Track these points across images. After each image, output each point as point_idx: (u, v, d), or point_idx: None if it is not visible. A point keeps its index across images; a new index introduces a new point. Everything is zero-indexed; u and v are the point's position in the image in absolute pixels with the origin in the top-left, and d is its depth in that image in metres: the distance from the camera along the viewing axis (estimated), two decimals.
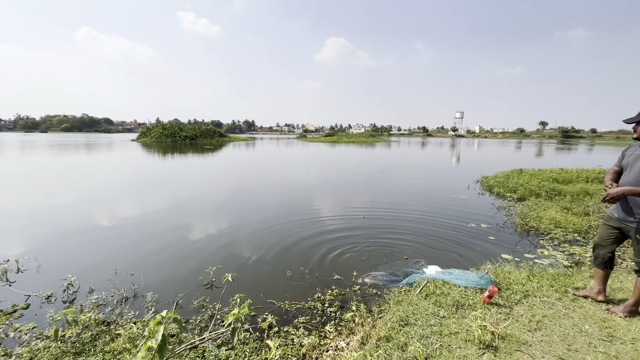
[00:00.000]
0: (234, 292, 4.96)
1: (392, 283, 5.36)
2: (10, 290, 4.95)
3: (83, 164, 23.30)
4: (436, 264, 6.06)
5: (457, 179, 17.78)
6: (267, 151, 41.21)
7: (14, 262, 5.86)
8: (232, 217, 9.38)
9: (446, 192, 13.54)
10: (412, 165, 24.89)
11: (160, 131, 67.53)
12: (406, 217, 9.48)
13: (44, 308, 4.54)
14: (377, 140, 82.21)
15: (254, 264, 6.13)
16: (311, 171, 20.28)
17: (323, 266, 6.03)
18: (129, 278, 5.41)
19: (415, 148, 53.16)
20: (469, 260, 6.31)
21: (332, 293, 4.98)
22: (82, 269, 5.82)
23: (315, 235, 7.71)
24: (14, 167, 20.91)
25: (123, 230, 8.01)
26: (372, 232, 8.07)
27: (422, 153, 40.94)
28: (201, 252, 6.66)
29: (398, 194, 12.89)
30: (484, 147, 61.68)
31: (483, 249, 6.95)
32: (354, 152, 41.03)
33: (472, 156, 36.70)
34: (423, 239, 7.61)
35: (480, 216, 9.60)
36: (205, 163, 25.78)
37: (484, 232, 8.08)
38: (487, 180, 15.29)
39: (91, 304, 4.56)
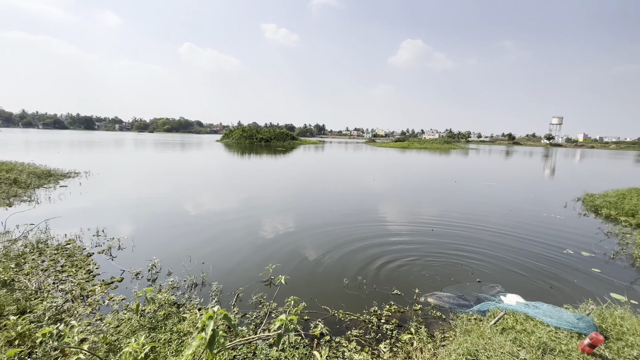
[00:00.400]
0: (291, 292, 5.02)
1: (460, 307, 4.75)
2: (111, 264, 5.87)
3: (180, 160, 26.98)
4: (517, 292, 5.18)
5: (550, 194, 15.23)
6: (334, 155, 41.72)
7: (116, 241, 6.96)
8: (298, 216, 9.63)
9: (535, 208, 11.66)
10: (492, 176, 22.25)
11: (240, 133, 74.16)
12: (482, 233, 8.42)
13: (133, 283, 5.24)
14: (453, 147, 76.16)
15: (313, 265, 6.12)
16: (377, 177, 19.74)
17: (382, 277, 5.70)
18: (200, 266, 5.92)
19: (498, 157, 47.58)
20: (562, 294, 5.23)
21: (389, 309, 4.64)
22: (165, 251, 6.61)
23: (376, 242, 7.38)
24: (130, 160, 25.34)
25: (202, 221, 8.89)
26: (439, 246, 7.37)
27: (505, 163, 36.39)
28: (265, 248, 6.94)
29: (473, 206, 11.59)
30: (588, 158, 51.90)
31: (583, 283, 5.71)
32: (425, 159, 38.72)
33: (572, 169, 31.15)
34: (501, 260, 6.63)
35: (580, 242, 7.98)
36: (277, 164, 27.29)
37: (585, 262, 6.66)
38: (592, 198, 12.71)
39: (167, 285, 5.11)
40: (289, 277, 5.52)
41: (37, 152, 29.54)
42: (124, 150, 35.99)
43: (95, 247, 6.65)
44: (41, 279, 4.96)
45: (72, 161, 22.45)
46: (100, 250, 6.45)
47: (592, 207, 11.89)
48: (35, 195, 11.22)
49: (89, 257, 6.06)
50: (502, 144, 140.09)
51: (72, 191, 12.11)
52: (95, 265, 5.73)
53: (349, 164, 29.80)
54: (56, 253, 6.12)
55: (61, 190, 12.17)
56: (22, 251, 6.04)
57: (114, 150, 35.20)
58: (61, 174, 15.58)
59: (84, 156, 27.46)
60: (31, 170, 14.81)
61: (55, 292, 4.68)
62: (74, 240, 6.87)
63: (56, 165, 18.44)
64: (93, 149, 35.84)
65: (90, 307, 4.30)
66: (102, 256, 6.20)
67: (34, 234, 7.04)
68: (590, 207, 11.87)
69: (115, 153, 31.97)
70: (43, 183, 13.26)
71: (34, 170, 14.75)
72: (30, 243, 6.38)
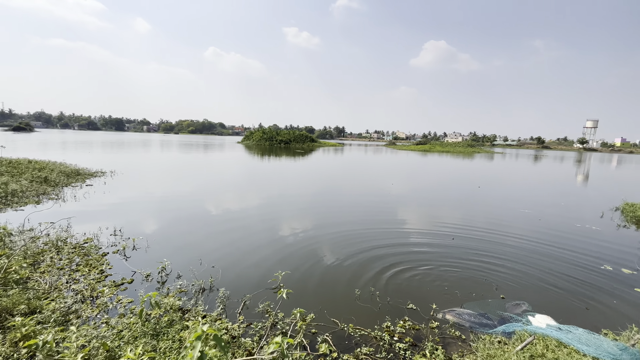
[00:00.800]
0: (299, 300, 4.82)
1: (482, 327, 4.35)
2: (124, 265, 5.91)
3: (200, 161, 27.63)
4: (547, 312, 4.70)
5: (584, 203, 14.17)
6: (352, 157, 41.29)
7: (131, 241, 7.04)
8: (311, 220, 9.42)
9: (567, 218, 10.83)
10: (519, 182, 21.07)
11: (261, 135, 75.22)
12: (507, 243, 7.86)
13: (143, 284, 5.23)
14: (477, 151, 73.53)
15: (323, 272, 5.88)
16: (397, 181, 19.21)
17: (396, 289, 5.37)
18: (209, 270, 5.84)
19: (525, 162, 45.33)
20: (600, 317, 4.70)
21: (403, 325, 4.32)
22: (178, 253, 6.60)
23: (391, 250, 7.04)
24: (154, 161, 26.21)
25: (217, 223, 8.88)
26: (460, 256, 6.92)
27: (533, 168, 34.52)
28: (276, 253, 6.78)
29: (498, 214, 10.91)
30: (627, 164, 48.35)
31: (624, 305, 5.11)
32: (447, 162, 37.49)
33: (608, 175, 29.06)
34: (529, 275, 6.10)
35: (620, 257, 7.25)
36: (295, 166, 27.28)
37: (626, 281, 6.00)
38: (632, 208, 11.66)
39: (175, 289, 5.04)
40: (299, 284, 5.33)
41: (71, 151, 31.19)
42: (149, 151, 37.33)
43: (110, 246, 6.74)
44: (54, 278, 5.03)
45: (100, 161, 23.48)
46: (115, 250, 6.53)
47: (632, 217, 10.90)
48: (62, 193, 11.71)
49: (103, 257, 6.13)
50: (531, 148, 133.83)
51: (96, 190, 12.55)
52: (109, 266, 5.78)
53: (367, 167, 29.32)
54: (73, 251, 6.25)
55: (87, 189, 12.64)
56: (42, 249, 6.21)
57: (140, 151, 36.61)
58: (89, 173, 16.26)
59: (112, 156, 28.70)
60: (61, 169, 15.55)
61: (67, 292, 4.73)
62: (92, 239, 7.01)
63: (85, 164, 19.32)
64: (121, 150, 37.45)
65: (98, 309, 4.28)
66: (116, 256, 6.27)
67: (56, 232, 7.26)
68: (631, 218, 10.87)
69: (141, 153, 33.21)
70: (71, 182, 13.85)
71: (63, 169, 15.48)
72: (50, 241, 6.56)
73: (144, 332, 3.70)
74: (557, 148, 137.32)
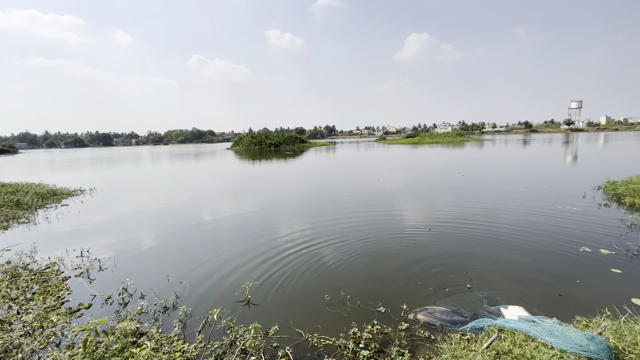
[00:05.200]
0: (267, 312, 4.61)
1: (453, 325, 4.18)
2: (84, 288, 5.62)
3: (183, 171, 27.19)
4: (521, 303, 4.56)
5: (567, 184, 14.17)
6: (342, 156, 41.13)
7: (97, 262, 6.74)
8: (287, 227, 9.18)
9: (549, 200, 10.78)
10: (503, 167, 21.10)
11: (250, 140, 74.71)
12: (486, 232, 7.74)
13: (103, 308, 4.96)
14: (466, 140, 74.00)
15: (296, 280, 5.65)
16: (383, 176, 19.08)
17: (368, 290, 5.18)
18: (176, 287, 5.58)
19: (512, 147, 45.71)
20: (574, 303, 4.56)
21: (371, 330, 4.12)
22: (147, 271, 6.34)
23: (367, 249, 6.85)
24: (136, 174, 25.69)
25: (190, 236, 8.60)
26: (437, 248, 6.78)
27: (520, 152, 34.75)
28: (249, 263, 6.52)
29: (480, 202, 10.81)
30: (612, 142, 49.10)
31: (600, 288, 5.00)
32: (435, 153, 37.55)
33: (594, 155, 29.37)
34: (507, 262, 5.97)
35: (600, 237, 7.17)
36: (281, 169, 26.99)
37: (604, 261, 5.90)
38: (614, 186, 11.68)
39: (135, 311, 4.78)
40: (268, 295, 5.11)
41: (53, 171, 30.49)
42: (133, 165, 36.70)
43: (75, 269, 6.44)
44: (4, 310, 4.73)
45: (81, 178, 22.93)
46: (78, 273, 6.23)
47: (614, 195, 10.89)
48: (34, 216, 11.30)
49: (64, 282, 5.84)
50: (519, 133, 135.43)
51: (71, 210, 12.16)
52: (68, 291, 5.49)
53: (355, 164, 29.18)
54: (33, 278, 5.94)
55: (61, 210, 12.25)
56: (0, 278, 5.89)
57: (123, 165, 35.96)
58: (67, 193, 15.81)
59: (94, 173, 28.10)
60: (37, 190, 15.07)
61: (17, 323, 4.44)
62: (55, 264, 6.69)
63: (65, 183, 18.83)
64: (105, 166, 36.76)
65: (45, 342, 4.01)
66: (79, 279, 5.97)
67: (18, 258, 6.92)
68: (612, 196, 10.87)
69: (124, 168, 32.60)
70: (46, 203, 13.42)
71: (39, 191, 15.01)
72: (7, 270, 6.23)
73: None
74: (545, 131, 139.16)
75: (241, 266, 6.37)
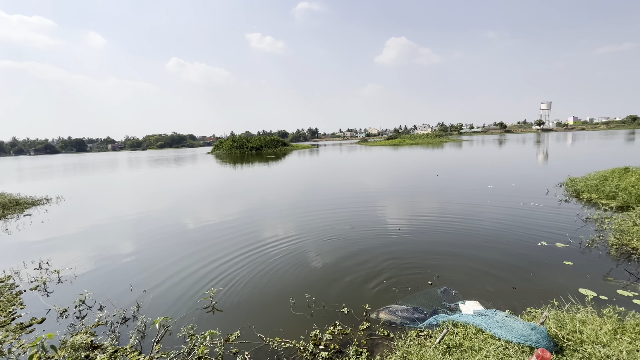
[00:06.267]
0: (231, 318, 4.57)
1: (412, 322, 4.29)
2: (39, 302, 5.37)
3: (156, 178, 26.45)
4: (478, 298, 4.74)
5: (533, 181, 14.84)
6: (322, 158, 41.29)
7: (55, 274, 6.44)
8: (257, 231, 9.10)
9: (515, 198, 11.25)
10: (477, 166, 21.87)
11: (230, 143, 73.68)
12: (453, 230, 8.00)
13: (58, 322, 4.75)
14: (445, 141, 76.09)
15: (263, 284, 5.63)
16: (361, 177, 19.31)
17: (334, 292, 5.23)
18: (139, 296, 5.43)
19: (487, 147, 47.41)
20: (527, 296, 4.78)
21: (332, 331, 4.17)
22: (109, 281, 6.12)
23: (336, 251, 6.92)
24: (107, 181, 24.76)
25: (155, 243, 8.38)
26: (404, 248, 6.93)
27: (494, 152, 36.12)
28: (216, 270, 6.42)
29: (450, 201, 11.15)
30: (578, 141, 51.87)
31: (552, 280, 5.27)
32: (413, 154, 38.39)
33: (561, 153, 30.91)
34: (469, 259, 6.19)
35: (557, 231, 7.56)
36: (259, 173, 26.78)
37: (558, 254, 6.23)
38: (574, 183, 12.34)
39: (93, 323, 4.61)
40: (233, 300, 5.05)
41: (18, 180, 28.92)
42: (105, 171, 35.37)
43: (31, 282, 6.14)
44: None
45: (49, 187, 21.87)
46: (34, 286, 5.94)
47: (573, 191, 11.52)
48: None
49: (18, 296, 5.55)
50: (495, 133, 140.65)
51: (34, 220, 11.58)
52: (21, 306, 5.22)
53: (332, 166, 29.37)
54: None
55: (23, 220, 11.65)
56: None
57: (96, 172, 34.58)
58: (31, 202, 15.04)
59: (65, 180, 26.87)
60: None
61: None
62: (9, 277, 6.35)
63: (31, 192, 17.91)
64: (76, 172, 35.22)
65: None
66: (34, 293, 5.70)
67: None
68: (572, 192, 11.49)
69: (96, 174, 31.36)
70: (7, 213, 12.71)
71: (0, 200, 14.19)
72: None
73: None
74: (518, 131, 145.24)
75: (208, 273, 6.26)
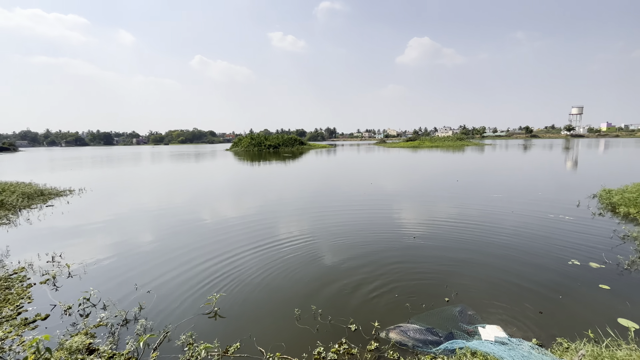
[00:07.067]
0: (232, 326, 4.38)
1: (425, 345, 3.93)
2: (47, 297, 5.38)
3: (176, 173, 26.97)
4: (500, 322, 4.30)
5: (562, 191, 13.90)
6: (339, 158, 40.89)
7: (66, 268, 6.49)
8: (267, 235, 8.90)
9: (542, 208, 10.51)
10: (501, 173, 20.83)
11: (249, 141, 74.53)
12: (473, 241, 7.48)
13: (62, 319, 4.71)
14: (466, 144, 73.82)
15: (268, 292, 5.40)
16: (377, 180, 18.83)
17: (341, 305, 4.92)
18: (143, 296, 5.33)
19: (512, 152, 45.42)
20: (555, 322, 4.30)
21: (337, 349, 3.87)
22: (117, 279, 6.07)
23: (347, 260, 6.59)
24: (129, 175, 25.47)
25: (170, 241, 8.35)
26: (419, 259, 6.51)
27: (519, 158, 34.47)
28: (219, 272, 6.27)
29: (471, 209, 10.55)
30: (612, 149, 48.80)
31: (585, 305, 4.74)
32: (432, 157, 37.29)
33: (592, 162, 29.08)
34: (489, 277, 5.71)
35: (590, 249, 6.91)
36: (275, 172, 26.75)
37: (592, 276, 5.64)
38: (609, 195, 11.41)
39: (95, 323, 4.53)
40: (237, 307, 4.85)
41: (48, 170, 30.29)
42: (129, 165, 36.48)
43: (42, 275, 6.19)
44: None
45: (73, 178, 22.71)
46: (44, 280, 5.98)
47: (608, 204, 10.63)
48: (16, 217, 11.08)
49: (27, 289, 5.59)
50: (519, 138, 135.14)
51: (55, 211, 11.93)
52: (29, 299, 5.24)
53: (349, 167, 28.93)
54: None
55: (45, 211, 12.03)
56: None
57: (120, 165, 35.74)
58: (55, 193, 15.59)
59: (90, 172, 27.87)
60: (24, 190, 14.82)
61: None
62: (23, 269, 6.45)
63: (56, 183, 18.62)
64: (102, 165, 36.55)
65: None
66: (44, 287, 5.73)
67: None
68: (607, 205, 10.61)
69: (120, 167, 32.38)
70: (31, 203, 13.20)
71: (26, 190, 14.77)
72: None
73: None
74: (545, 136, 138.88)
75: (215, 273, 6.11)
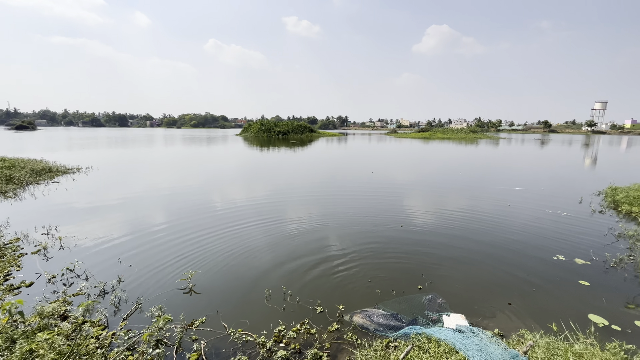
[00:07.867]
0: (206, 301, 4.50)
1: (386, 330, 3.96)
2: (35, 266, 5.63)
3: (182, 155, 27.40)
4: (467, 310, 4.28)
5: (568, 187, 13.49)
6: (348, 147, 40.62)
7: (58, 240, 6.76)
8: (255, 215, 9.01)
9: (541, 203, 10.25)
10: (508, 166, 20.31)
11: (258, 127, 74.60)
12: (460, 233, 7.38)
13: (46, 287, 4.93)
14: (480, 137, 72.03)
15: (244, 271, 5.51)
16: (380, 169, 18.67)
17: (314, 288, 4.98)
18: (124, 270, 5.52)
19: (526, 146, 44.11)
20: (522, 315, 4.25)
21: (298, 329, 3.94)
22: (103, 252, 6.29)
23: (329, 245, 6.62)
24: (136, 155, 26.03)
25: (161, 218, 8.57)
26: (401, 248, 6.49)
27: (532, 152, 33.47)
28: (199, 250, 6.41)
29: (466, 201, 10.38)
30: (635, 147, 46.77)
31: (559, 299, 4.66)
32: (443, 149, 36.60)
33: (610, 159, 27.99)
34: (469, 267, 5.66)
35: (580, 245, 6.74)
36: (277, 159, 26.83)
37: (574, 272, 5.52)
38: (614, 192, 11.01)
39: (74, 292, 4.74)
40: (212, 283, 4.97)
41: (62, 149, 31.21)
42: (140, 146, 37.18)
43: (36, 246, 6.47)
44: None
45: (85, 157, 23.36)
46: (35, 250, 6.25)
47: (612, 202, 10.27)
48: (23, 192, 11.52)
49: (19, 258, 5.86)
50: (537, 132, 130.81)
51: (59, 187, 12.35)
52: (18, 268, 5.51)
53: (355, 156, 28.72)
54: None
55: (51, 187, 12.45)
56: None
57: (131, 146, 36.48)
58: (62, 170, 16.10)
59: (101, 152, 28.59)
60: (33, 166, 15.36)
61: None
62: (19, 239, 6.75)
63: (66, 161, 19.20)
64: (114, 145, 37.39)
65: None
66: (35, 257, 5.99)
67: None
68: (610, 203, 10.25)
69: (130, 148, 33.06)
70: (39, 179, 13.68)
71: (35, 167, 15.30)
72: None
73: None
74: (565, 132, 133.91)
75: (198, 254, 6.24)
